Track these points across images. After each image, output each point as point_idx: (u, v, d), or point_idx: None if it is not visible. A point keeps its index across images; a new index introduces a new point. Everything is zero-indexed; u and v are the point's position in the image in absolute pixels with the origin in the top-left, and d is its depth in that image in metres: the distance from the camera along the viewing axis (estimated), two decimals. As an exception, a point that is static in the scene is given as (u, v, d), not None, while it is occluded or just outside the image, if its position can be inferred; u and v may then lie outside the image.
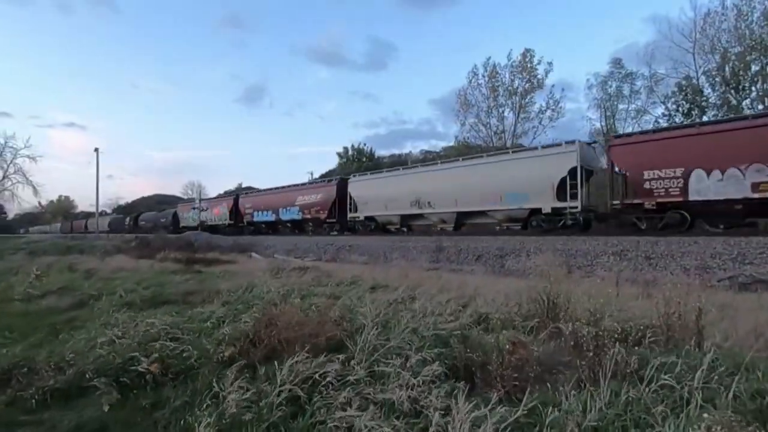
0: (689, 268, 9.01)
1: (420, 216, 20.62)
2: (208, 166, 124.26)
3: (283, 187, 31.24)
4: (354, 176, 25.69)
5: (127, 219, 50.95)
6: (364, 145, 52.31)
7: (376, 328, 3.54)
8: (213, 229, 34.15)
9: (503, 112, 34.68)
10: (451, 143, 40.10)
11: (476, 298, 5.60)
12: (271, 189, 32.34)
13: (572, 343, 2.68)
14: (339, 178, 27.22)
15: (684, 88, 28.18)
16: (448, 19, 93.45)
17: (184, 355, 3.01)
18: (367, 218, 23.09)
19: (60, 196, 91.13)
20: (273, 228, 30.73)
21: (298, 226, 28.45)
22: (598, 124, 31.41)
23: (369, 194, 23.04)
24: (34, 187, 47.43)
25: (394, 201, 21.35)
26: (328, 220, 25.42)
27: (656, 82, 29.38)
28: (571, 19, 78.27)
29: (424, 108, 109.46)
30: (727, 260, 8.85)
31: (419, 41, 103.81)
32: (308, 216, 26.75)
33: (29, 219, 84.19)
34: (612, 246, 10.81)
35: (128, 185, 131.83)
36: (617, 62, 30.73)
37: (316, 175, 46.20)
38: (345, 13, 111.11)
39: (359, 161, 51.04)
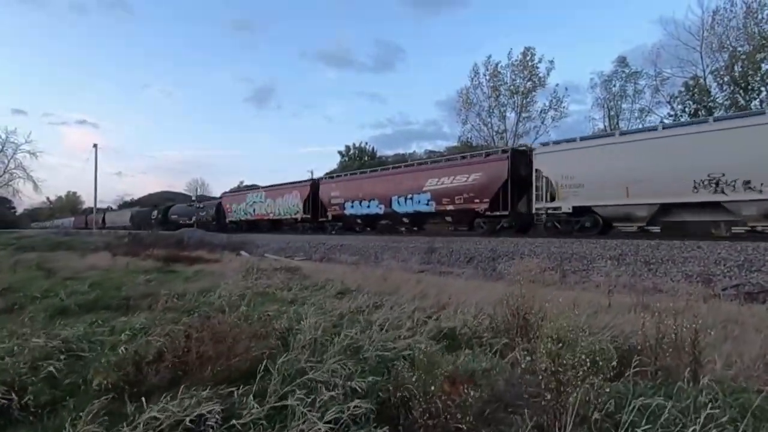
0: (691, 275, 8.42)
1: (711, 206, 11.77)
2: (215, 164, 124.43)
3: (396, 167, 22.10)
4: (547, 144, 16.07)
5: (154, 212, 41.65)
6: (366, 144, 51.81)
7: (311, 346, 3.01)
8: (276, 224, 28.02)
9: (504, 111, 34.04)
10: (455, 144, 39.33)
11: (451, 306, 5.04)
12: (373, 171, 22.86)
13: (527, 377, 2.13)
14: (512, 149, 17.93)
15: (691, 88, 27.43)
16: (456, 21, 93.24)
17: (66, 381, 2.48)
18: (576, 209, 14.19)
19: (68, 192, 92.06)
20: (371, 224, 22.22)
21: (419, 222, 20.17)
22: (601, 125, 30.68)
23: (587, 171, 13.88)
24: (34, 183, 47.38)
25: (649, 181, 12.43)
26: (489, 213, 16.72)
27: (661, 81, 28.62)
28: (579, 22, 77.57)
29: (430, 109, 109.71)
30: (732, 267, 8.24)
31: (426, 43, 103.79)
32: (449, 207, 17.97)
33: (37, 214, 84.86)
34: (610, 249, 10.21)
35: (137, 183, 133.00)
36: (622, 61, 30.00)
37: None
38: (353, 16, 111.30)
39: (360, 160, 50.60)
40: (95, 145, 32.93)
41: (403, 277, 8.12)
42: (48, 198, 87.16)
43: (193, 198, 32.57)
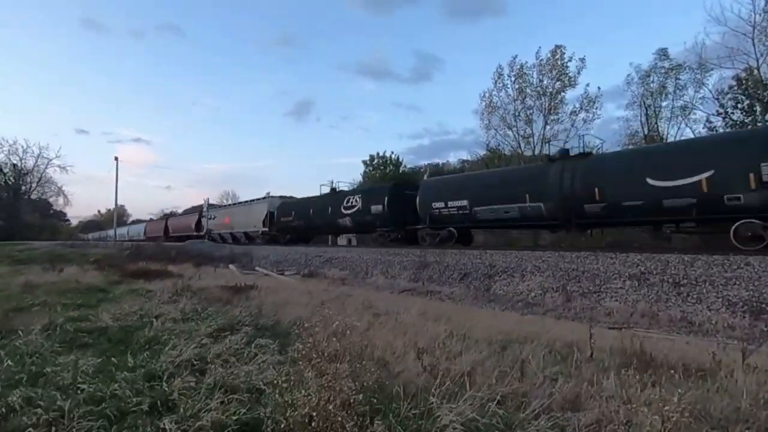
0: (735, 303, 6.37)
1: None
2: (252, 176, 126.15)
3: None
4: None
5: (355, 199, 19.68)
6: (391, 153, 50.34)
7: None
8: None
9: (531, 114, 31.65)
10: (485, 151, 36.65)
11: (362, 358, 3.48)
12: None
13: None
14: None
15: (744, 81, 24.23)
16: (495, 29, 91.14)
17: None
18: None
19: (116, 205, 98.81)
20: None
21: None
22: (634, 124, 27.69)
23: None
24: (64, 196, 49.17)
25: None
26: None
27: (704, 73, 25.44)
28: (623, 29, 73.52)
29: (468, 118, 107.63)
30: (794, 292, 6.15)
31: (464, 53, 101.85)
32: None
33: (92, 226, 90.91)
34: (630, 266, 8.20)
35: (183, 196, 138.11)
36: (662, 53, 27.03)
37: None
38: (392, 27, 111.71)
39: (384, 170, 49.08)
40: (116, 158, 33.44)
41: (356, 302, 6.56)
42: (99, 211, 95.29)
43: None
